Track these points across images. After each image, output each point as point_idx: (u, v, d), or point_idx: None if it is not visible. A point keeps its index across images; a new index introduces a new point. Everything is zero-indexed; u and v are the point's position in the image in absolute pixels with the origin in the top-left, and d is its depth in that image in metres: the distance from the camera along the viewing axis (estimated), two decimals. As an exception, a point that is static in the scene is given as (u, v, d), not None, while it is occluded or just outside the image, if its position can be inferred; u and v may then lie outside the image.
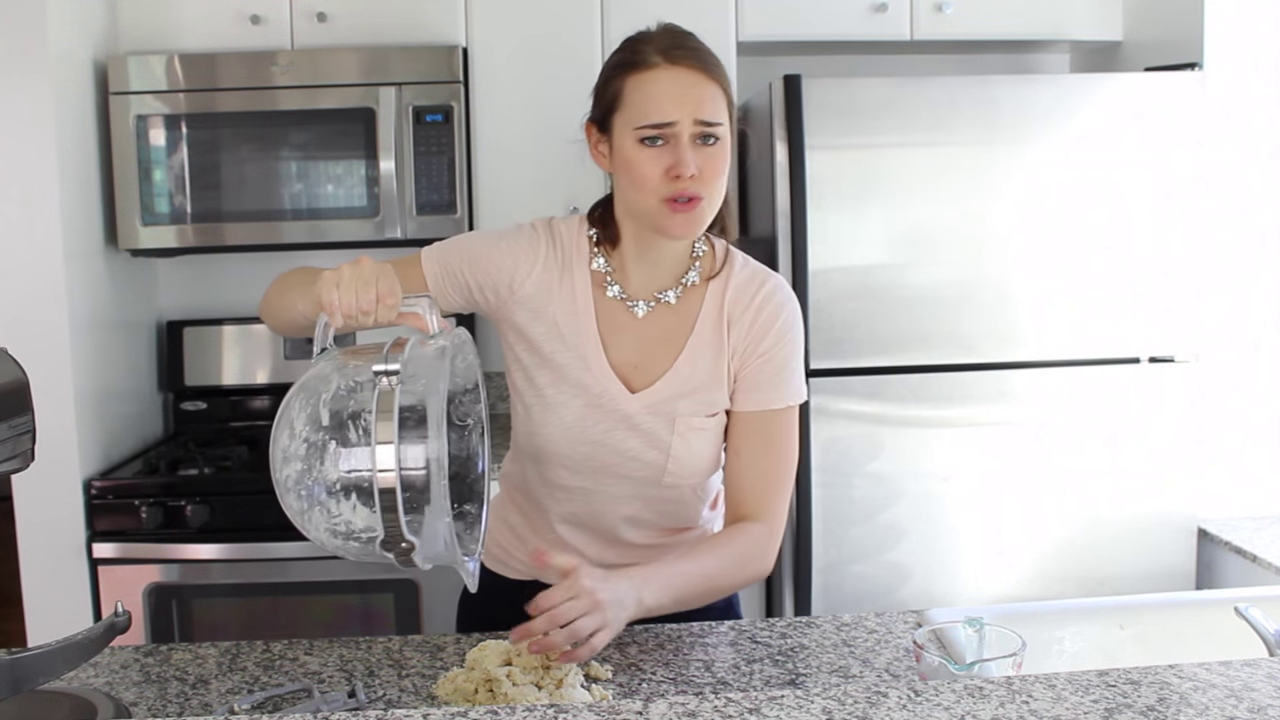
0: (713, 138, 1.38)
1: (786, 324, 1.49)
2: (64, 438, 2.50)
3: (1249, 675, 1.05)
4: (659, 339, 1.48)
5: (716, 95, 1.38)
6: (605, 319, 1.48)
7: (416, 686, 1.36)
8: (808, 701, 0.99)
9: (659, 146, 1.37)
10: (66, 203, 2.53)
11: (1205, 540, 2.61)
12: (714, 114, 1.38)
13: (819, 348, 2.54)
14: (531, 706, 1.00)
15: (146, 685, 1.36)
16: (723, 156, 1.40)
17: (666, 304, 1.48)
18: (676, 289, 1.49)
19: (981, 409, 2.58)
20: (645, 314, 1.48)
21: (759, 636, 1.49)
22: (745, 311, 1.48)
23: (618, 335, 1.48)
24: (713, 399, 1.48)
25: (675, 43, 1.39)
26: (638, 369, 1.47)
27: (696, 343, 1.47)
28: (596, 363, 1.46)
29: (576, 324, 1.47)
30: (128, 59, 2.73)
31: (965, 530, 2.59)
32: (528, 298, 1.48)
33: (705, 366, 1.47)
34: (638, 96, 1.38)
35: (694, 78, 1.37)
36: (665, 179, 1.37)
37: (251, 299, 3.20)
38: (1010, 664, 1.20)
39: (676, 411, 1.46)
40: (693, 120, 1.36)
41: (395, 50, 2.79)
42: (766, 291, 1.49)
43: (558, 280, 1.48)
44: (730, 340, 1.48)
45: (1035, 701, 0.98)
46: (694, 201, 1.38)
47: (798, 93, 2.48)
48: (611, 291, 1.48)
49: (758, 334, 1.47)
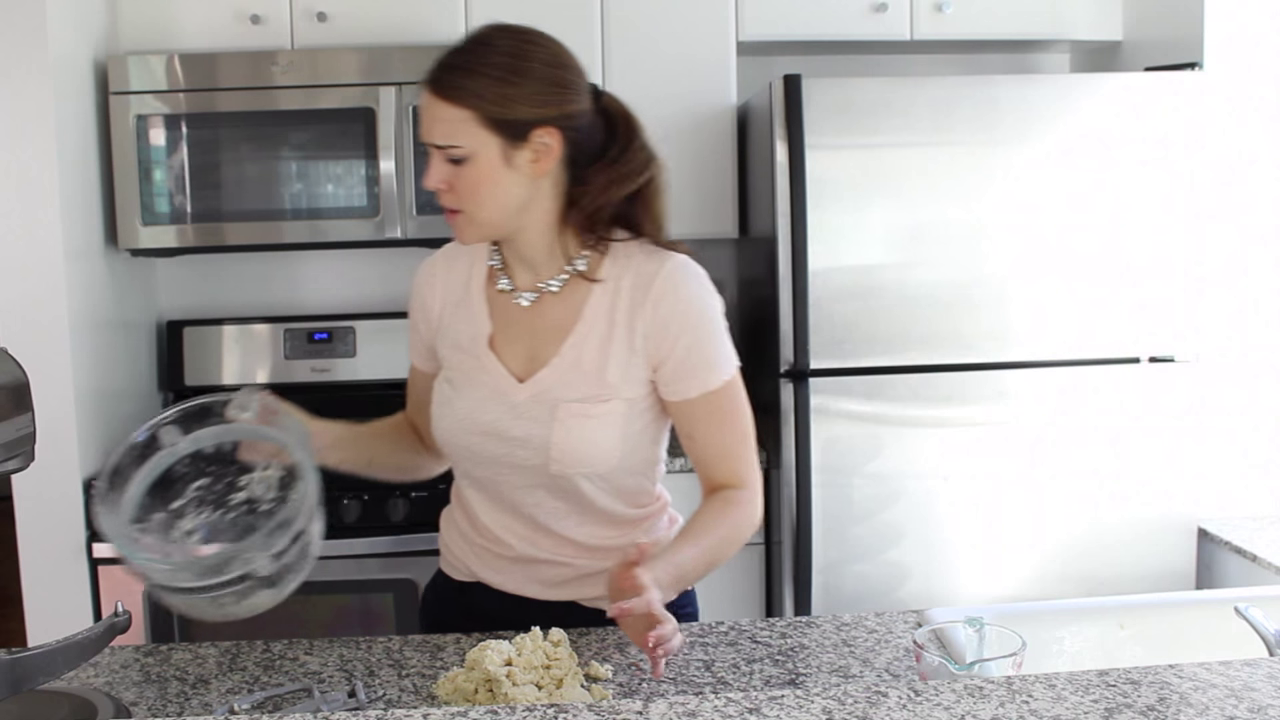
0: (458, 159, 1.40)
1: (691, 303, 1.48)
2: (64, 438, 2.50)
3: (1249, 675, 1.05)
4: (546, 328, 1.50)
5: (451, 117, 1.39)
6: (497, 312, 1.53)
7: (416, 686, 1.36)
8: (808, 701, 0.99)
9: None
10: (66, 203, 2.53)
11: (1205, 540, 2.61)
12: (444, 137, 1.40)
13: (819, 348, 2.54)
14: (531, 706, 1.00)
15: (146, 685, 1.36)
16: (471, 174, 1.41)
17: (551, 293, 1.50)
18: (559, 278, 1.50)
19: (981, 409, 2.58)
20: (530, 304, 1.51)
21: (759, 636, 1.49)
22: (645, 299, 1.47)
23: (507, 327, 1.52)
24: (604, 387, 1.47)
25: (440, 63, 1.42)
26: (530, 360, 1.50)
27: (583, 329, 1.48)
28: (485, 355, 1.51)
29: (472, 320, 1.54)
30: (128, 59, 2.73)
31: (965, 530, 2.59)
32: (443, 318, 1.57)
33: (594, 354, 1.47)
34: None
35: (429, 101, 1.41)
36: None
37: (251, 299, 3.22)
38: (1010, 664, 1.20)
39: (559, 399, 1.46)
40: (434, 144, 1.41)
41: (395, 50, 2.79)
42: (664, 276, 1.47)
43: (462, 288, 1.56)
44: (638, 329, 1.47)
45: (1035, 701, 0.98)
46: (451, 212, 1.44)
47: (798, 93, 2.48)
48: (501, 284, 1.53)
49: (663, 321, 1.46)
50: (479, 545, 1.59)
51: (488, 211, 1.44)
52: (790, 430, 2.55)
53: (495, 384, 1.50)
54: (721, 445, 1.51)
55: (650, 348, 1.47)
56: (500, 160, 1.41)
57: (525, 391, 1.48)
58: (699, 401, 1.48)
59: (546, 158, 1.43)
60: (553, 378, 1.47)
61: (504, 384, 1.49)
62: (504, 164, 1.41)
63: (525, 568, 1.55)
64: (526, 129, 1.41)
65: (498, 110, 1.39)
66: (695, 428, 1.50)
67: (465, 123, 1.39)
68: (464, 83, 1.39)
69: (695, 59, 2.92)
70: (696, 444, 1.51)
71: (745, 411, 1.53)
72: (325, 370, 3.05)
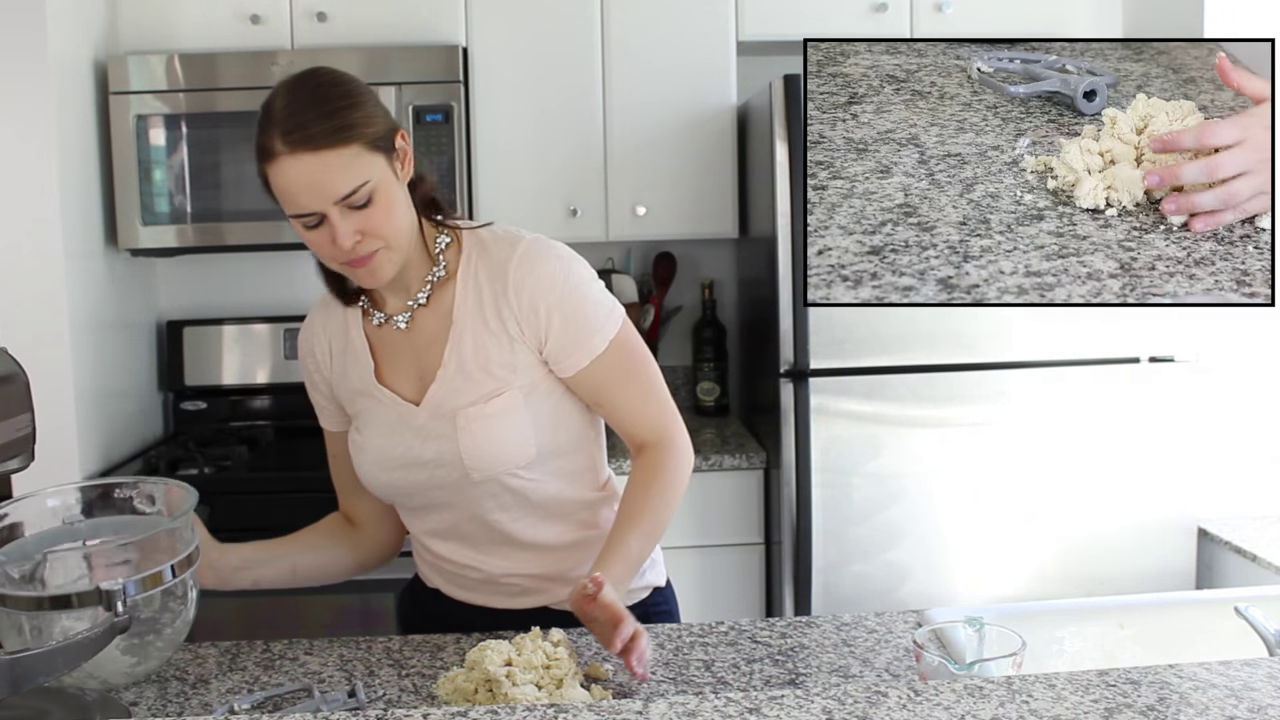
0: (363, 200, 1.36)
1: (553, 279, 1.46)
2: (64, 438, 2.50)
3: (1249, 675, 1.05)
4: (425, 343, 1.50)
5: (347, 163, 1.34)
6: (379, 347, 1.53)
7: (416, 686, 1.36)
8: (808, 701, 0.99)
9: (318, 226, 1.37)
10: (66, 203, 2.53)
11: (1205, 540, 2.61)
12: (348, 183, 1.35)
13: (819, 348, 2.54)
14: (531, 706, 1.00)
15: (146, 685, 1.36)
16: (380, 204, 1.38)
17: (421, 306, 1.50)
18: (424, 289, 1.49)
19: (981, 409, 2.58)
20: (407, 324, 1.50)
21: (759, 636, 1.49)
22: (507, 288, 1.46)
23: (391, 357, 1.52)
24: (493, 382, 1.46)
25: (293, 123, 1.33)
26: (420, 379, 1.49)
27: (457, 332, 1.47)
28: (377, 389, 1.51)
29: (357, 361, 1.53)
30: (128, 59, 2.73)
31: (965, 530, 2.59)
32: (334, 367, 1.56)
33: (473, 353, 1.46)
34: (278, 188, 1.37)
35: (317, 161, 1.33)
36: (335, 249, 1.38)
37: (251, 299, 3.22)
38: (1010, 664, 1.20)
39: (455, 407, 1.46)
40: (332, 203, 1.35)
41: (395, 50, 2.79)
42: (517, 262, 1.46)
43: (342, 334, 1.55)
44: (507, 318, 1.46)
45: (1035, 701, 0.98)
46: (368, 258, 1.40)
47: (798, 93, 2.48)
48: (376, 319, 1.52)
49: (529, 305, 1.45)
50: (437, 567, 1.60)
51: (401, 234, 1.42)
52: (790, 430, 2.55)
53: (395, 414, 1.49)
54: (630, 403, 1.51)
55: (527, 332, 1.46)
56: (391, 177, 1.40)
57: (423, 413, 1.48)
58: (591, 369, 1.48)
59: (407, 160, 1.43)
60: (442, 390, 1.47)
61: (402, 411, 1.49)
62: (394, 179, 1.40)
63: (490, 586, 1.56)
64: (391, 138, 1.41)
65: (372, 129, 1.37)
66: (599, 394, 1.50)
67: (358, 157, 1.35)
68: (334, 123, 1.34)
69: (695, 59, 2.92)
70: (605, 409, 1.52)
71: (643, 361, 1.52)
72: (325, 370, 3.05)
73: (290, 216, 1.38)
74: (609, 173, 2.93)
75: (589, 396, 1.51)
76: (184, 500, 1.36)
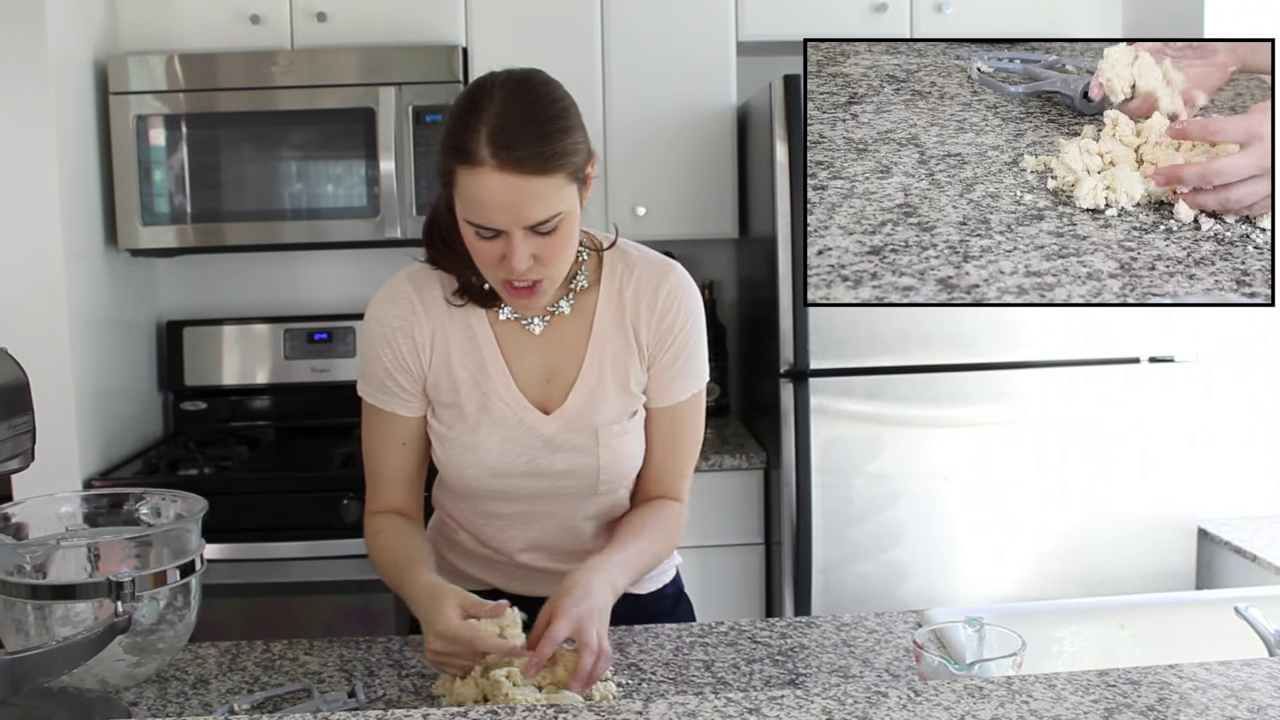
0: (549, 229, 1.31)
1: (691, 314, 1.48)
2: (64, 438, 2.50)
3: (1249, 675, 1.05)
4: (561, 349, 1.46)
5: (550, 193, 1.28)
6: (506, 344, 1.46)
7: (416, 686, 1.36)
8: (808, 701, 0.99)
9: (493, 239, 1.31)
10: (66, 203, 2.53)
11: (1205, 540, 2.61)
12: (545, 212, 1.29)
13: (819, 348, 2.54)
14: (531, 706, 1.00)
15: (146, 685, 1.36)
16: (562, 237, 1.33)
17: (561, 315, 1.46)
18: (568, 298, 1.46)
19: (981, 409, 2.58)
20: (543, 329, 1.46)
21: (759, 636, 1.49)
22: (653, 307, 1.46)
23: (521, 357, 1.46)
24: (629, 398, 1.48)
25: (506, 137, 1.26)
26: (548, 383, 1.46)
27: (597, 345, 1.46)
28: (508, 391, 1.44)
29: (479, 357, 1.45)
30: (128, 59, 2.73)
31: (965, 530, 2.59)
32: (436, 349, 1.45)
33: (611, 366, 1.46)
34: (467, 193, 1.29)
35: (521, 184, 1.26)
36: (502, 265, 1.33)
37: (251, 299, 3.22)
38: (1010, 664, 1.20)
39: (596, 423, 1.45)
40: (523, 227, 1.29)
41: (395, 50, 2.79)
42: (671, 285, 1.47)
43: (448, 321, 1.45)
44: (641, 337, 1.47)
45: (1035, 701, 0.98)
46: (533, 287, 1.35)
47: (798, 93, 2.48)
48: (504, 314, 1.45)
49: (666, 328, 1.47)
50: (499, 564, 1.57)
51: (568, 265, 1.38)
52: (790, 430, 2.55)
53: (520, 419, 1.45)
54: (674, 457, 1.53)
55: (651, 349, 1.48)
56: (578, 206, 1.35)
57: (555, 423, 1.45)
58: (669, 410, 1.50)
59: (590, 186, 1.38)
60: (579, 401, 1.45)
61: (530, 417, 1.45)
62: (579, 208, 1.35)
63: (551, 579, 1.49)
64: (585, 166, 1.35)
65: (577, 159, 1.32)
66: (655, 435, 1.51)
67: (561, 188, 1.29)
68: (547, 148, 1.27)
69: (695, 59, 2.92)
70: (652, 451, 1.52)
71: (700, 425, 1.55)
72: (325, 370, 3.06)
73: (465, 221, 1.32)
74: (609, 173, 2.93)
75: (648, 432, 1.52)
76: (193, 505, 1.38)
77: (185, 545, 1.34)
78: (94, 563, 1.31)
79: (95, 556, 1.32)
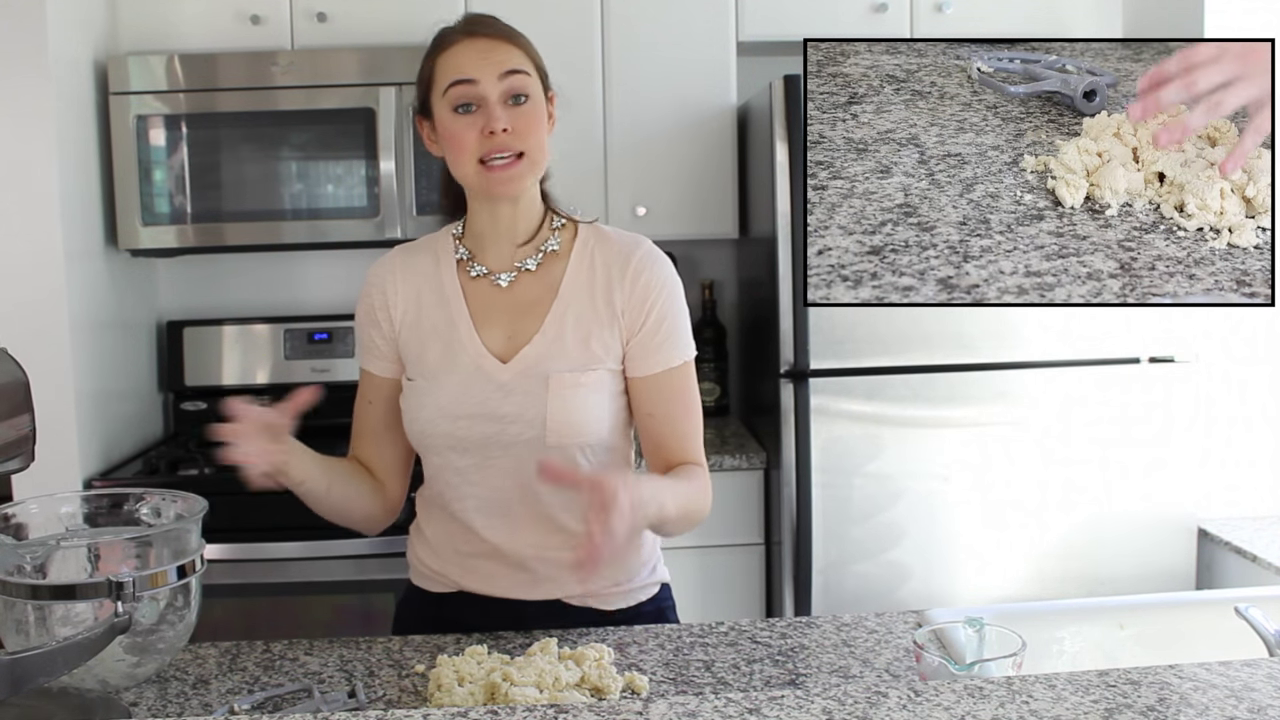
0: (522, 96, 1.48)
1: (666, 282, 1.54)
2: (64, 438, 2.50)
3: (1249, 675, 1.05)
4: (526, 305, 1.53)
5: (518, 55, 1.49)
6: (474, 299, 1.55)
7: (416, 686, 1.36)
8: (808, 701, 0.99)
9: (472, 113, 1.47)
10: (66, 203, 2.53)
11: (1205, 540, 2.61)
12: (517, 63, 1.48)
13: (819, 348, 2.54)
14: (531, 706, 1.00)
15: (146, 685, 1.36)
16: (535, 113, 1.49)
17: (528, 271, 1.54)
18: (536, 256, 1.54)
19: (981, 409, 2.58)
20: (509, 283, 1.54)
21: (759, 636, 1.49)
22: (624, 272, 1.52)
23: (487, 311, 1.54)
24: (588, 356, 1.50)
25: (476, 21, 1.52)
26: (510, 339, 1.52)
27: (562, 304, 1.52)
28: (470, 342, 1.52)
29: (448, 311, 1.54)
30: (128, 59, 2.73)
31: (965, 530, 2.59)
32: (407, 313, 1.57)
33: (575, 326, 1.51)
34: (445, 67, 1.49)
35: (492, 43, 1.48)
36: (481, 139, 1.46)
37: (251, 299, 3.22)
38: (1010, 664, 1.20)
39: (549, 371, 1.49)
40: (497, 77, 1.46)
41: (395, 50, 2.79)
42: (642, 254, 1.54)
43: (426, 281, 1.57)
44: (616, 303, 1.52)
45: (1035, 701, 0.98)
46: (513, 159, 1.47)
47: (798, 93, 2.48)
48: (475, 271, 1.55)
49: (641, 295, 1.52)
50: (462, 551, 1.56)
51: (542, 152, 1.50)
52: (790, 430, 2.55)
53: (478, 365, 1.51)
54: (681, 425, 1.55)
55: (626, 321, 1.52)
56: (544, 106, 1.51)
57: (511, 370, 1.50)
58: (662, 377, 1.53)
59: (553, 118, 1.54)
60: (538, 351, 1.50)
61: (487, 364, 1.51)
62: (544, 113, 1.51)
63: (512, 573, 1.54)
64: (547, 84, 1.53)
65: (537, 60, 1.52)
66: (656, 405, 1.53)
67: (525, 61, 1.49)
68: (511, 30, 1.51)
69: (695, 59, 2.92)
70: (656, 421, 1.54)
71: (698, 397, 1.58)
72: (325, 370, 3.05)
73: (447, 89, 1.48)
74: (609, 173, 2.93)
75: (646, 405, 1.54)
76: (193, 505, 1.37)
77: (185, 545, 1.34)
78: (94, 563, 1.31)
79: (95, 557, 1.31)
